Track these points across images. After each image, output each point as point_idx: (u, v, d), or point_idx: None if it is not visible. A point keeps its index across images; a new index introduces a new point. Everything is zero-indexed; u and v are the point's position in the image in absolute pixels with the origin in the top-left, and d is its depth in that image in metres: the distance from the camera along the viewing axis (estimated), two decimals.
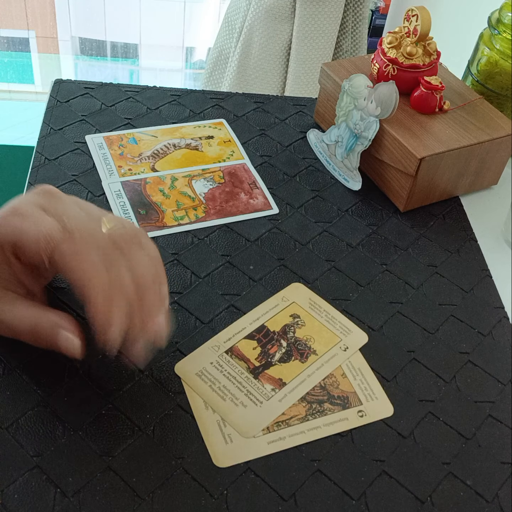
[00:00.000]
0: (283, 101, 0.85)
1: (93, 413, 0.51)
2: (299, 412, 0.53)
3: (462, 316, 0.63)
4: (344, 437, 0.52)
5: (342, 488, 0.49)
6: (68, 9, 2.40)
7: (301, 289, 0.63)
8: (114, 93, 0.82)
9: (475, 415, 0.55)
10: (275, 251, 0.66)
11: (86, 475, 0.48)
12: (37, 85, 2.52)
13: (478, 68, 0.80)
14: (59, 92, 0.81)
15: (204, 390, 0.54)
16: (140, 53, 2.58)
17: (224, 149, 0.77)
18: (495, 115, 0.73)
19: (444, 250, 0.69)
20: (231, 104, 0.83)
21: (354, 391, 0.55)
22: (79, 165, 0.72)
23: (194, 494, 0.48)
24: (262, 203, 0.71)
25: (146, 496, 0.47)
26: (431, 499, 0.49)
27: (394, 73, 0.73)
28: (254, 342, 0.58)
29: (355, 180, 0.73)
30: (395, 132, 0.69)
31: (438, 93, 0.71)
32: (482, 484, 0.50)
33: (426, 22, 0.70)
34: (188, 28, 2.49)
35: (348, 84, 0.72)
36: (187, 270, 0.63)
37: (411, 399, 0.55)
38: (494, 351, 0.60)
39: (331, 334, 0.59)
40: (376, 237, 0.69)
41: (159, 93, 0.83)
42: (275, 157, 0.77)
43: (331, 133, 0.75)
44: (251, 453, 0.50)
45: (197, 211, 0.69)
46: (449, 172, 0.71)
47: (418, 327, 0.61)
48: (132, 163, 0.73)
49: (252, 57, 1.59)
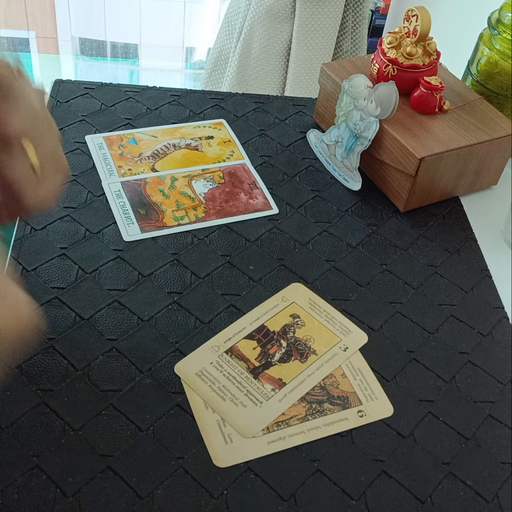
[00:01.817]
0: (283, 101, 0.85)
1: (93, 413, 0.51)
2: (299, 412, 0.53)
3: (462, 316, 0.63)
4: (344, 437, 0.52)
5: (342, 488, 0.49)
6: (68, 9, 2.40)
7: (301, 289, 0.63)
8: (114, 93, 0.82)
9: (475, 415, 0.55)
10: (275, 251, 0.66)
11: (86, 475, 0.48)
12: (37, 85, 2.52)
13: (478, 68, 0.80)
14: (59, 92, 0.81)
15: (204, 390, 0.54)
16: (140, 53, 2.58)
17: (224, 149, 0.77)
18: (495, 115, 0.73)
19: (444, 250, 0.69)
20: (231, 104, 0.83)
21: (354, 391, 0.55)
22: (79, 165, 0.72)
23: (194, 494, 0.48)
24: (262, 203, 0.71)
25: (146, 496, 0.47)
26: (431, 499, 0.49)
27: (394, 73, 0.73)
28: (254, 342, 0.58)
29: (355, 180, 0.73)
30: (395, 132, 0.69)
31: (438, 93, 0.71)
32: (482, 484, 0.50)
33: (426, 22, 0.70)
34: (188, 28, 2.49)
35: (348, 84, 0.72)
36: (187, 270, 0.63)
37: (411, 399, 0.55)
38: (494, 351, 0.60)
39: (331, 334, 0.59)
40: (376, 237, 0.69)
41: (159, 93, 0.83)
42: (275, 157, 0.77)
43: (331, 133, 0.75)
44: (251, 453, 0.50)
45: (197, 211, 0.69)
46: (449, 172, 0.71)
47: (418, 327, 0.61)
48: (132, 163, 0.73)
49: (252, 57, 1.59)
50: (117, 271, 0.62)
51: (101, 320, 0.57)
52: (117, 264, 0.62)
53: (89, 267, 0.62)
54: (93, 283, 0.60)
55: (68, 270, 0.61)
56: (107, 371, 0.54)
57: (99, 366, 0.54)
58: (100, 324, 0.57)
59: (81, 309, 0.58)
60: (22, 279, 0.59)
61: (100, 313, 0.58)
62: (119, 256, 0.63)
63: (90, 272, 0.61)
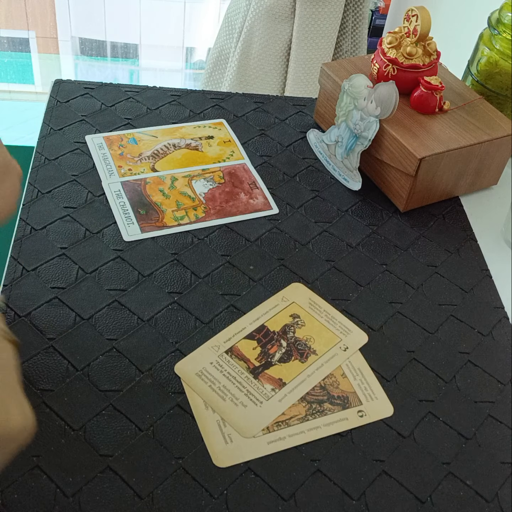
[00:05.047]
0: (283, 101, 0.85)
1: (93, 413, 0.51)
2: (299, 412, 0.53)
3: (462, 316, 0.63)
4: (344, 437, 0.52)
5: (342, 488, 0.49)
6: (68, 9, 2.40)
7: (301, 289, 0.63)
8: (114, 93, 0.82)
9: (475, 415, 0.55)
10: (275, 251, 0.66)
11: (86, 475, 0.48)
12: (37, 85, 2.52)
13: (478, 68, 0.80)
14: (59, 92, 0.81)
15: (204, 390, 0.54)
16: (140, 53, 2.58)
17: (224, 149, 0.77)
18: (495, 115, 0.73)
19: (444, 250, 0.69)
20: (231, 104, 0.83)
21: (354, 391, 0.55)
22: (79, 165, 0.72)
23: (194, 494, 0.48)
24: (262, 203, 0.71)
25: (146, 496, 0.47)
26: (431, 499, 0.49)
27: (394, 73, 0.73)
28: (254, 342, 0.58)
29: (355, 180, 0.73)
30: (395, 132, 0.69)
31: (438, 93, 0.71)
32: (482, 484, 0.50)
33: (426, 22, 0.70)
34: (188, 28, 2.49)
35: (348, 84, 0.72)
36: (187, 270, 0.63)
37: (411, 399, 0.55)
38: (494, 351, 0.60)
39: (331, 334, 0.59)
40: (376, 237, 0.69)
41: (159, 93, 0.83)
42: (275, 157, 0.77)
43: (331, 133, 0.75)
44: (251, 453, 0.50)
45: (197, 211, 0.69)
46: (449, 172, 0.71)
47: (418, 327, 0.61)
48: (132, 163, 0.73)
49: (252, 57, 1.59)
50: (117, 271, 0.62)
51: (101, 320, 0.57)
52: (117, 264, 0.62)
53: (89, 267, 0.62)
54: (93, 283, 0.60)
55: (68, 270, 0.61)
56: (107, 371, 0.54)
57: (99, 366, 0.54)
58: (100, 324, 0.57)
59: (81, 309, 0.58)
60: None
61: (100, 313, 0.58)
62: (119, 256, 0.63)
63: (90, 272, 0.61)
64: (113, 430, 0.50)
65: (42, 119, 0.77)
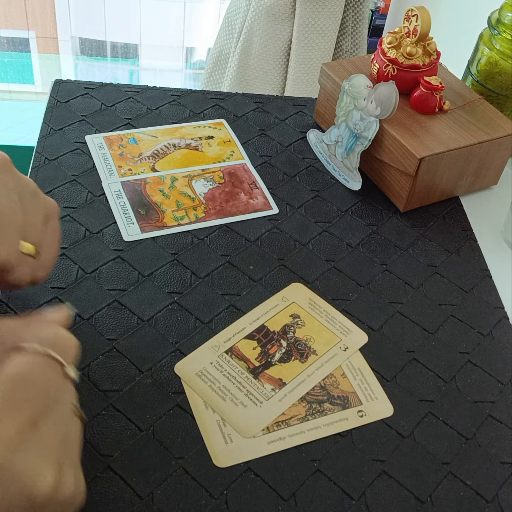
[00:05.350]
0: (283, 101, 0.85)
1: (93, 413, 0.51)
2: (299, 412, 0.53)
3: (462, 316, 0.63)
4: (344, 437, 0.52)
5: (342, 488, 0.49)
6: (68, 9, 2.40)
7: (301, 289, 0.63)
8: (114, 93, 0.82)
9: (475, 415, 0.55)
10: (275, 251, 0.66)
11: (86, 475, 0.48)
12: (37, 85, 2.53)
13: (478, 68, 0.80)
14: (59, 92, 0.81)
15: (204, 390, 0.54)
16: (140, 53, 2.58)
17: (224, 149, 0.77)
18: (495, 115, 0.73)
19: (444, 250, 0.69)
20: (231, 104, 0.83)
21: (354, 391, 0.55)
22: (79, 165, 0.72)
23: (194, 494, 0.48)
24: (262, 203, 0.71)
25: (146, 496, 0.47)
26: (431, 499, 0.49)
27: (394, 73, 0.73)
28: (254, 342, 0.58)
29: (355, 180, 0.73)
30: (395, 132, 0.69)
31: (438, 93, 0.71)
32: (482, 484, 0.50)
33: (426, 22, 0.70)
34: (188, 28, 2.50)
35: (348, 84, 0.72)
36: (187, 270, 0.63)
37: (411, 399, 0.55)
38: (494, 351, 0.60)
39: (331, 334, 0.59)
40: (376, 237, 0.69)
41: (159, 93, 0.83)
42: (275, 157, 0.77)
43: (331, 133, 0.75)
44: (251, 453, 0.50)
45: (197, 211, 0.69)
46: (449, 172, 0.71)
47: (418, 327, 0.61)
48: (132, 163, 0.73)
49: (252, 57, 1.59)
50: (117, 271, 0.62)
51: (101, 320, 0.57)
52: (117, 264, 0.62)
53: (89, 267, 0.62)
54: (93, 283, 0.60)
55: (68, 270, 0.61)
56: (107, 371, 0.54)
57: (99, 366, 0.54)
58: (100, 324, 0.57)
59: (81, 309, 0.58)
60: None
61: (100, 313, 0.58)
62: (119, 256, 0.63)
63: (90, 272, 0.61)
64: (113, 430, 0.50)
65: (42, 119, 0.77)
